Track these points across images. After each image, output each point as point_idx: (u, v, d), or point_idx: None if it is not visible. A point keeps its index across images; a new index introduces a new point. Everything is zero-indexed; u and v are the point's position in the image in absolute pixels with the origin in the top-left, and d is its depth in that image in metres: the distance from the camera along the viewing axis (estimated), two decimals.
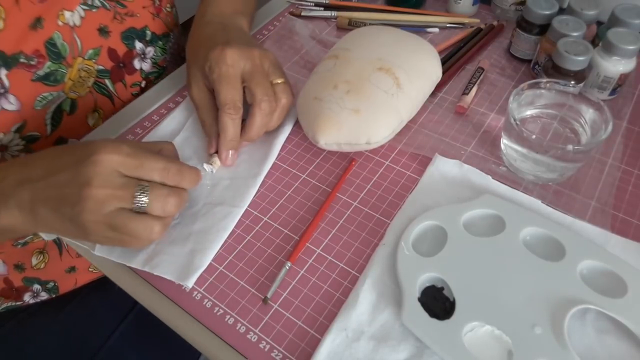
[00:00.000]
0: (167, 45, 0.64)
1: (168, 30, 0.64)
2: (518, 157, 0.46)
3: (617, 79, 0.52)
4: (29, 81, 0.48)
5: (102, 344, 0.61)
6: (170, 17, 0.65)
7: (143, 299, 0.42)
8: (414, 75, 0.49)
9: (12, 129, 0.49)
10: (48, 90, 0.50)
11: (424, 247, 0.41)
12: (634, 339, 0.36)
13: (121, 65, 0.58)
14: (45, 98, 0.50)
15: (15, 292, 0.60)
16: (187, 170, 0.41)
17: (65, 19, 0.50)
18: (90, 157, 0.36)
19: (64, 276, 0.62)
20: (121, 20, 0.56)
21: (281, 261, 0.43)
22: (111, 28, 0.55)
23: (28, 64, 0.47)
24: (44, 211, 0.38)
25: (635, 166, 0.48)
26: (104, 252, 0.43)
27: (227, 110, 0.46)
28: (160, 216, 0.39)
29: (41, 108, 0.50)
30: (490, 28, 0.64)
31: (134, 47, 0.59)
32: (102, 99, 0.57)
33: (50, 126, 0.52)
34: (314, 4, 0.70)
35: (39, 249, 0.59)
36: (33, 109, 0.49)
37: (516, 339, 0.35)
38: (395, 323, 0.38)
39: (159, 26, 0.62)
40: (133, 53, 0.59)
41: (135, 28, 0.58)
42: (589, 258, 0.39)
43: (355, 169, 0.49)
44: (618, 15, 0.52)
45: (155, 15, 0.61)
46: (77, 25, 0.51)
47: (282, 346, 0.38)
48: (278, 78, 0.48)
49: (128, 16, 0.57)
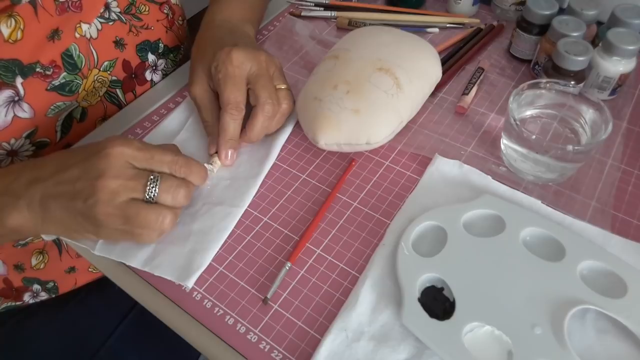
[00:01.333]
0: (177, 57, 0.65)
1: (179, 43, 0.65)
2: (518, 158, 0.46)
3: (617, 79, 0.52)
4: (43, 90, 0.49)
5: (101, 344, 0.61)
6: (182, 30, 0.66)
7: (143, 299, 0.42)
8: (414, 76, 0.49)
9: (24, 135, 0.49)
10: (62, 100, 0.51)
11: (424, 247, 0.41)
12: (634, 339, 0.36)
13: (133, 76, 0.59)
14: (58, 107, 0.51)
15: (14, 292, 0.60)
16: (195, 164, 0.42)
17: (83, 31, 0.51)
18: (102, 151, 0.38)
19: (64, 276, 0.62)
20: (137, 33, 0.57)
21: (281, 261, 0.43)
22: (127, 41, 0.56)
23: (44, 73, 0.48)
24: (55, 207, 0.38)
25: (635, 166, 0.48)
26: (104, 252, 0.43)
27: (230, 110, 0.46)
28: (170, 206, 0.40)
29: (53, 116, 0.51)
30: (490, 28, 0.64)
31: (147, 59, 0.60)
32: (112, 107, 0.58)
33: (60, 133, 0.53)
34: (314, 4, 0.70)
35: (38, 249, 0.59)
36: (45, 116, 0.50)
37: (516, 339, 0.35)
38: (395, 323, 0.38)
39: (171, 39, 0.63)
40: (145, 65, 0.60)
41: (150, 41, 0.59)
42: (589, 258, 0.39)
43: (355, 169, 0.49)
44: (618, 15, 0.52)
45: (168, 29, 0.62)
46: (93, 38, 0.52)
47: (282, 346, 0.38)
48: (282, 84, 0.49)
49: (143, 29, 0.58)
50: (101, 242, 0.43)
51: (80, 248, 0.45)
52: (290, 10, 0.69)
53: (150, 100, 0.57)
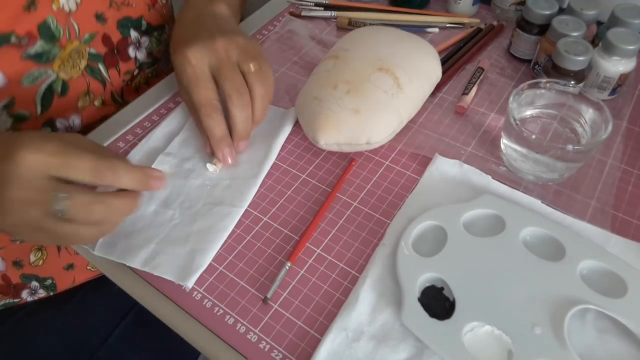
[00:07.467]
0: (162, 37, 0.64)
1: (163, 22, 0.64)
2: (518, 157, 0.46)
3: (617, 79, 0.52)
4: (18, 59, 0.47)
5: (100, 344, 0.61)
6: (165, 9, 0.65)
7: (142, 299, 0.42)
8: (414, 75, 0.49)
9: (1, 104, 0.48)
10: (36, 67, 0.49)
11: (424, 247, 0.41)
12: (634, 339, 0.36)
13: (115, 51, 0.57)
14: (32, 75, 0.49)
15: (13, 288, 0.60)
16: (122, 167, 0.36)
17: (60, 4, 0.49)
18: (11, 155, 0.33)
19: (62, 273, 0.62)
20: (117, 9, 0.56)
21: (281, 261, 0.43)
22: (107, 15, 0.55)
23: (19, 43, 0.47)
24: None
25: (635, 166, 0.48)
26: (103, 252, 0.43)
27: (204, 111, 0.45)
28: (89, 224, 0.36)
29: (29, 85, 0.50)
30: (490, 28, 0.64)
31: (129, 35, 0.59)
32: (95, 83, 0.57)
33: (40, 106, 0.52)
34: (314, 4, 0.70)
35: (37, 245, 0.59)
36: (20, 85, 0.49)
37: (516, 339, 0.35)
38: (395, 323, 0.38)
39: (154, 17, 0.62)
40: (128, 41, 0.59)
41: (132, 17, 0.58)
42: (589, 258, 0.39)
43: (355, 169, 0.49)
44: (618, 15, 0.52)
45: (150, 7, 0.61)
46: (72, 11, 0.51)
47: (282, 346, 0.38)
48: (249, 66, 0.45)
49: (124, 6, 0.57)
50: (100, 243, 0.43)
51: (80, 248, 0.45)
52: (290, 10, 0.69)
53: (150, 100, 0.57)
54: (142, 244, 0.43)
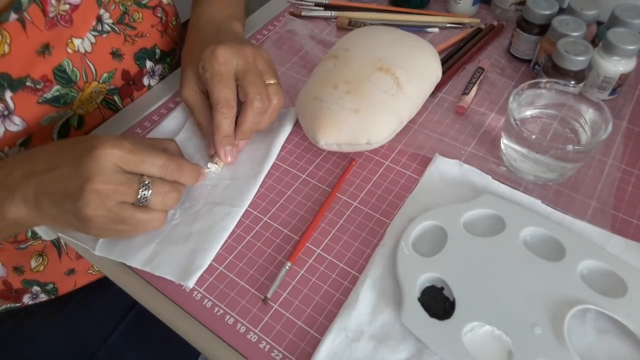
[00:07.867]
0: (173, 61, 0.65)
1: (175, 45, 0.65)
2: (518, 157, 0.46)
3: (617, 79, 0.52)
4: (34, 103, 0.48)
5: (101, 344, 0.61)
6: (176, 31, 0.65)
7: (143, 299, 0.42)
8: (414, 75, 0.49)
9: (18, 143, 0.49)
10: (56, 111, 0.50)
11: (424, 247, 0.41)
12: (634, 339, 0.36)
13: (131, 82, 0.58)
14: (52, 117, 0.50)
15: (14, 293, 0.60)
16: (187, 166, 0.42)
17: (75, 46, 0.50)
18: (91, 151, 0.37)
19: (63, 278, 0.62)
20: (132, 42, 0.57)
21: (281, 261, 0.43)
22: (124, 50, 0.56)
23: (34, 87, 0.48)
24: (47, 204, 0.38)
25: (635, 166, 0.48)
26: (104, 252, 0.43)
27: (221, 109, 0.45)
28: (160, 210, 0.41)
29: (48, 124, 0.50)
30: (490, 28, 0.64)
31: (144, 66, 0.59)
32: (110, 113, 0.58)
33: (57, 139, 0.52)
34: (314, 4, 0.70)
35: (38, 251, 0.59)
36: (40, 125, 0.50)
37: (516, 339, 0.35)
38: (395, 323, 0.38)
39: (166, 43, 0.63)
40: (143, 72, 0.60)
41: (147, 48, 0.59)
42: (589, 258, 0.39)
43: (355, 169, 0.49)
44: (618, 15, 0.52)
45: (163, 33, 0.61)
46: (88, 52, 0.52)
47: (282, 346, 0.38)
48: (271, 79, 0.48)
49: (138, 37, 0.57)
50: (101, 242, 0.43)
51: (81, 248, 0.45)
52: (290, 10, 0.69)
53: (150, 101, 0.57)
54: (143, 243, 0.43)
